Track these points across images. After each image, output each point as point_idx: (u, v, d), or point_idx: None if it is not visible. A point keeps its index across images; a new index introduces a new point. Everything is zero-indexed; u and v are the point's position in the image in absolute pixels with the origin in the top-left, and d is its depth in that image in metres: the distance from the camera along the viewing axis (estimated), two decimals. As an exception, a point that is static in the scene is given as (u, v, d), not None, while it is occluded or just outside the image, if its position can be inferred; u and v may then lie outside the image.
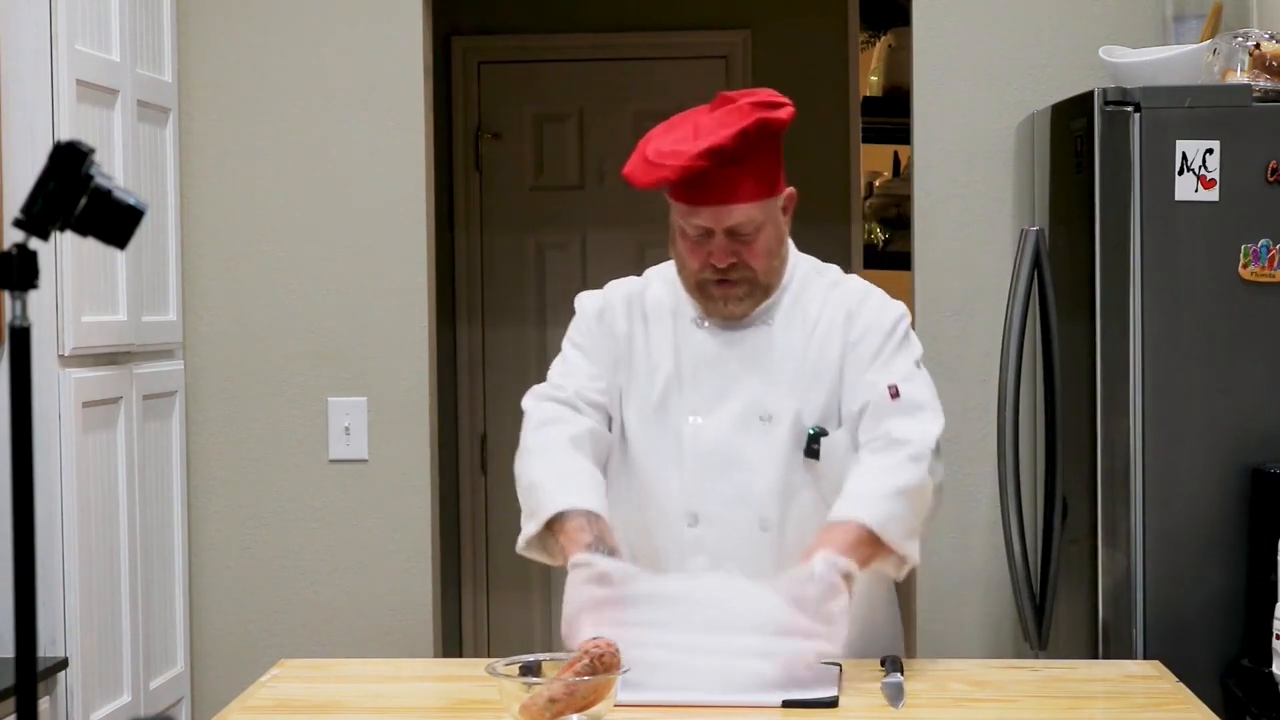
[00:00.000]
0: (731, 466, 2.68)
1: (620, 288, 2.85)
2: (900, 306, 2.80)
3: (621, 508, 2.73)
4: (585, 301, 2.85)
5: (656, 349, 2.76)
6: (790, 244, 2.80)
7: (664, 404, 2.72)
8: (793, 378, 2.70)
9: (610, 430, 2.77)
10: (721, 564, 2.65)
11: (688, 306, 2.76)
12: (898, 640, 2.86)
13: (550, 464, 2.69)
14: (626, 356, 2.77)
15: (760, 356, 2.71)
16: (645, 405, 2.74)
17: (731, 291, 2.68)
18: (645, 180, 2.64)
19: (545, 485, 2.66)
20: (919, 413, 2.70)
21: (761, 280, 2.70)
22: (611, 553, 2.55)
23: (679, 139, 2.63)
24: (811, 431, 2.68)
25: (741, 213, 2.63)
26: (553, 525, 2.62)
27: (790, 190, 2.73)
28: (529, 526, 2.67)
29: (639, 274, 2.89)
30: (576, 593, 2.49)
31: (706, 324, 2.74)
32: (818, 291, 2.77)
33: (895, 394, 2.68)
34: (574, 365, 2.80)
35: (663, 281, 2.82)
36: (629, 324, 2.79)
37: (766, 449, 2.68)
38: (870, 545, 2.56)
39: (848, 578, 2.47)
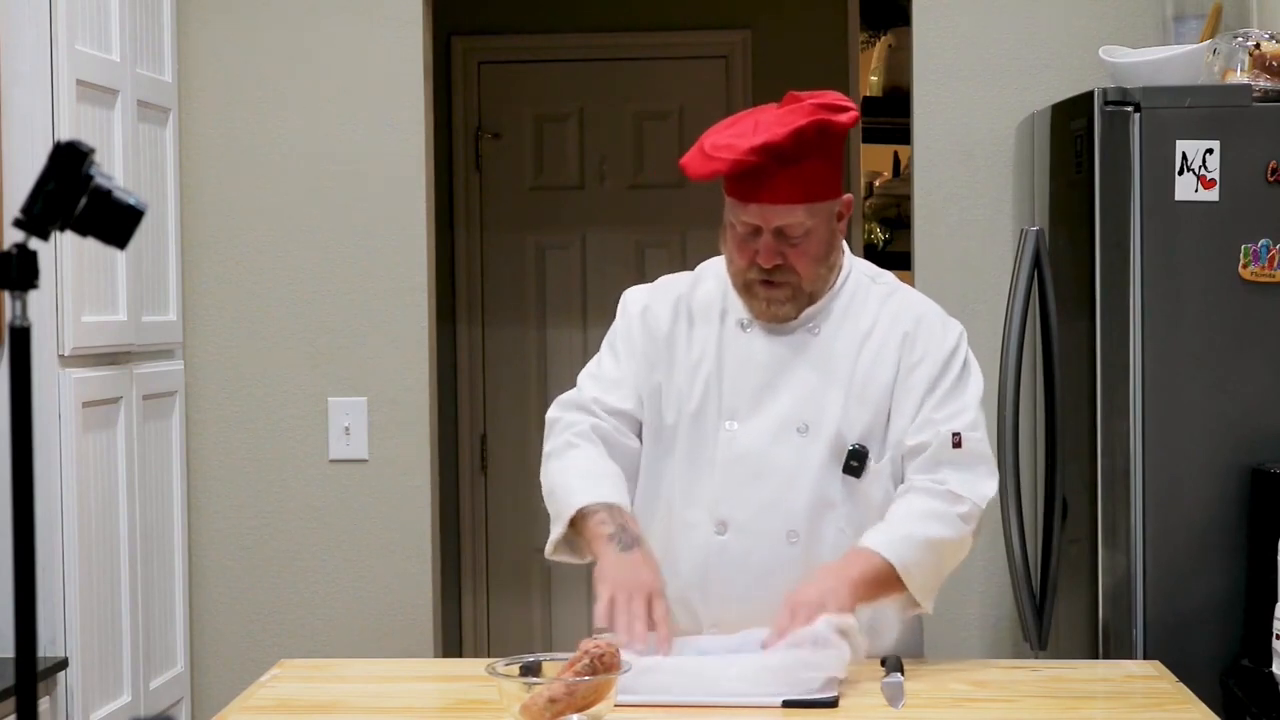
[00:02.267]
0: (764, 475, 2.65)
1: (669, 286, 2.81)
2: (958, 327, 2.77)
3: (651, 509, 2.72)
4: (630, 300, 2.82)
5: (699, 349, 2.72)
6: (845, 250, 2.75)
7: (702, 407, 2.69)
8: (837, 390, 2.66)
9: (639, 438, 2.75)
10: (745, 573, 2.63)
11: (736, 306, 2.72)
12: (917, 638, 2.84)
13: (567, 465, 2.70)
14: (667, 357, 2.74)
15: (804, 364, 2.67)
16: (684, 406, 2.71)
17: (775, 293, 2.64)
18: (699, 171, 2.61)
19: (564, 485, 2.67)
20: (979, 467, 2.66)
21: (805, 286, 2.65)
22: (635, 541, 2.57)
23: (737, 134, 2.60)
24: (854, 448, 2.65)
25: (790, 214, 2.58)
26: (576, 524, 2.63)
27: (848, 197, 2.68)
28: (555, 530, 2.67)
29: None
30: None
31: (752, 327, 2.70)
32: (871, 302, 2.73)
33: (958, 443, 2.64)
34: (605, 371, 2.78)
35: (715, 279, 2.77)
36: (672, 324, 2.75)
37: (801, 460, 2.65)
38: (888, 584, 2.57)
39: (844, 633, 2.47)
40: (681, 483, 2.71)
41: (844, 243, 2.74)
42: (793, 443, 2.65)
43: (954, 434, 2.63)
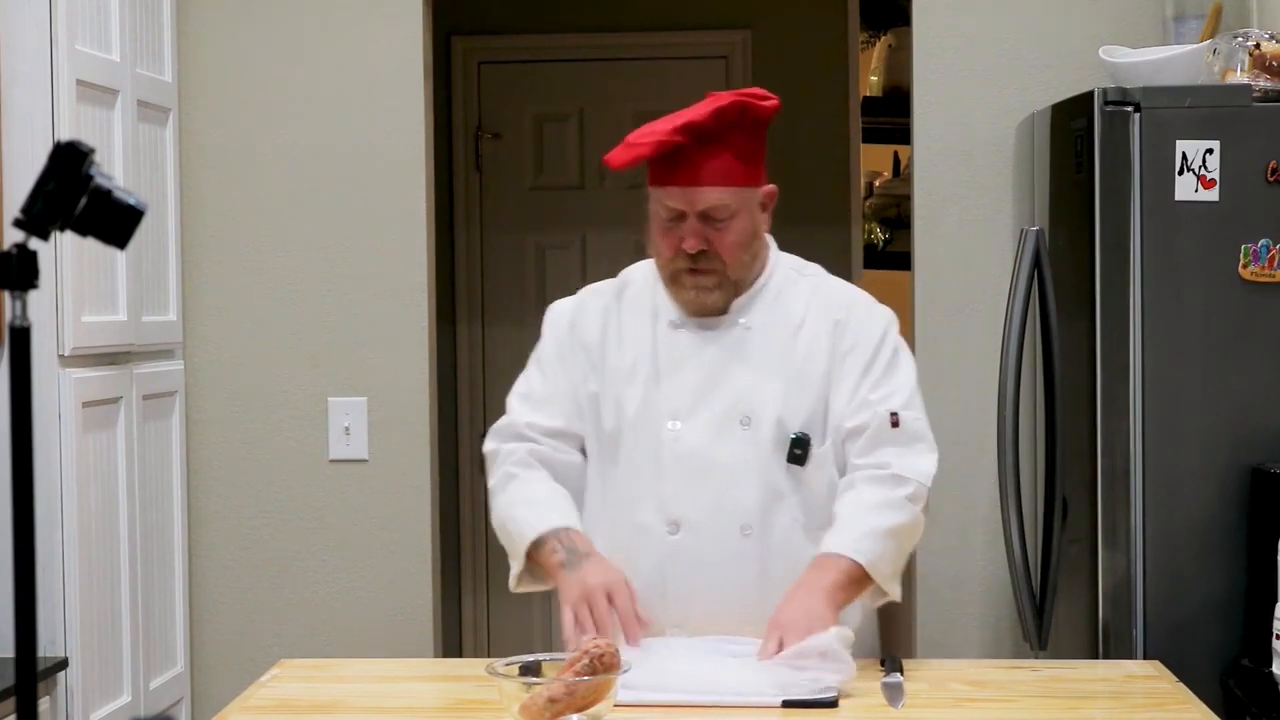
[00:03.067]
0: (712, 472, 2.65)
1: (595, 295, 2.82)
2: (888, 312, 2.79)
3: (602, 516, 2.71)
4: (556, 313, 2.82)
5: (632, 353, 2.72)
6: (771, 243, 2.77)
7: (642, 409, 2.69)
8: (775, 381, 2.67)
9: (581, 450, 2.76)
10: (701, 571, 2.63)
11: (666, 307, 2.72)
12: (875, 640, 2.85)
13: (512, 498, 2.71)
14: (600, 364, 2.73)
15: (739, 357, 2.69)
16: (623, 411, 2.70)
17: (702, 280, 2.65)
18: (623, 159, 2.63)
19: (513, 518, 2.69)
20: (918, 444, 2.69)
21: (731, 273, 2.66)
22: (584, 557, 2.58)
23: (659, 124, 2.63)
24: (796, 436, 2.66)
25: (714, 195, 2.60)
26: (532, 557, 2.65)
27: (771, 187, 2.70)
28: (514, 566, 2.70)
29: None
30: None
31: (685, 326, 2.71)
32: (800, 292, 2.74)
33: (896, 422, 2.66)
34: (534, 390, 2.78)
35: (642, 282, 2.78)
36: (602, 332, 2.75)
37: (747, 453, 2.66)
38: (859, 583, 2.59)
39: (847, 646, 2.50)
40: (630, 486, 2.70)
41: (769, 236, 2.76)
42: (737, 437, 2.66)
43: (891, 414, 2.65)
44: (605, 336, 2.75)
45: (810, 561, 2.59)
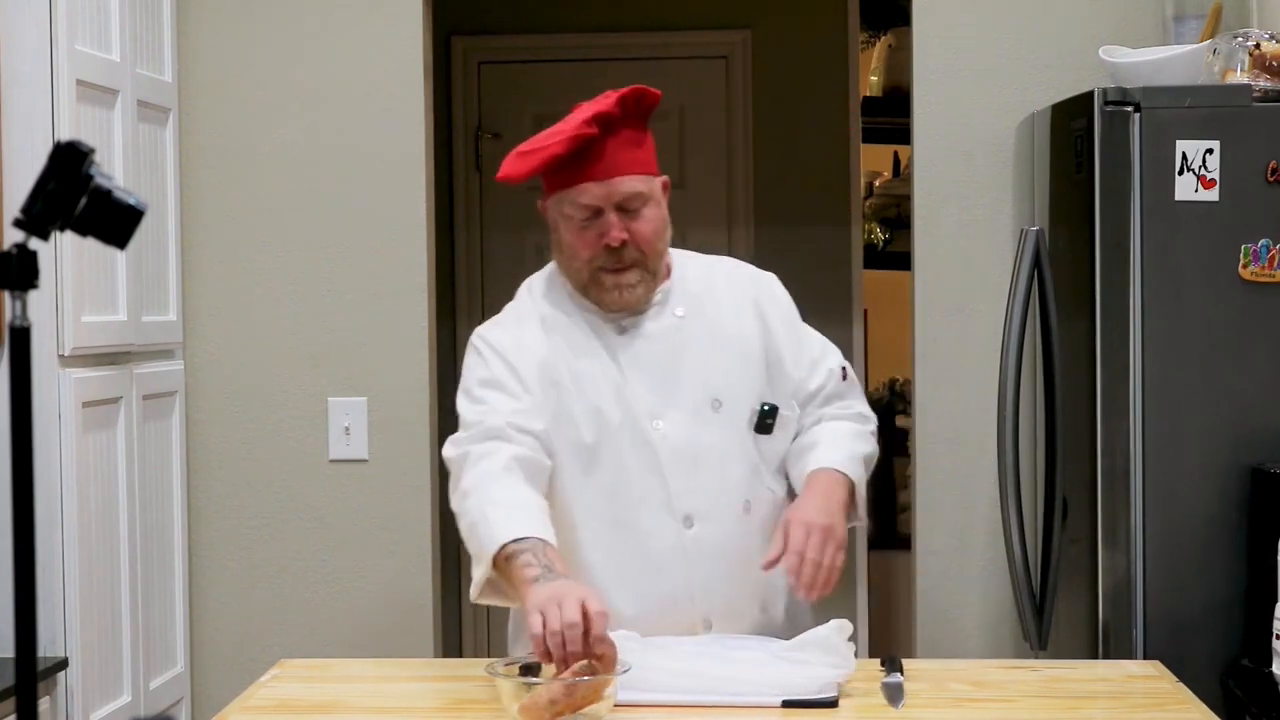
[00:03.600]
0: (705, 458, 2.69)
1: (522, 318, 2.74)
2: (771, 275, 2.89)
3: (593, 530, 2.66)
4: (493, 339, 2.72)
5: (591, 366, 2.68)
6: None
7: (622, 415, 2.67)
8: (726, 360, 2.72)
9: (548, 457, 2.63)
10: (723, 557, 2.66)
11: (597, 316, 2.69)
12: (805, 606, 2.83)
13: (484, 498, 2.53)
14: (562, 381, 2.67)
15: (688, 345, 2.72)
16: (603, 421, 2.66)
17: (624, 277, 2.65)
18: (528, 166, 2.62)
19: (486, 519, 2.49)
20: (857, 388, 2.87)
21: (651, 264, 2.68)
22: (560, 578, 2.40)
23: (554, 129, 2.64)
24: (765, 407, 2.73)
25: (630, 184, 2.63)
26: (500, 565, 2.46)
27: (666, 178, 2.75)
28: (478, 571, 2.50)
29: None
30: None
31: (627, 329, 2.70)
32: (701, 274, 2.80)
33: (845, 375, 2.84)
34: (492, 402, 2.64)
35: (549, 299, 2.74)
36: (551, 352, 2.69)
37: (728, 434, 2.71)
38: (849, 500, 2.69)
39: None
40: (626, 494, 2.66)
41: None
42: (714, 421, 2.70)
43: (842, 368, 2.84)
44: (553, 351, 2.69)
45: (805, 480, 2.69)
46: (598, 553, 2.65)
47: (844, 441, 2.74)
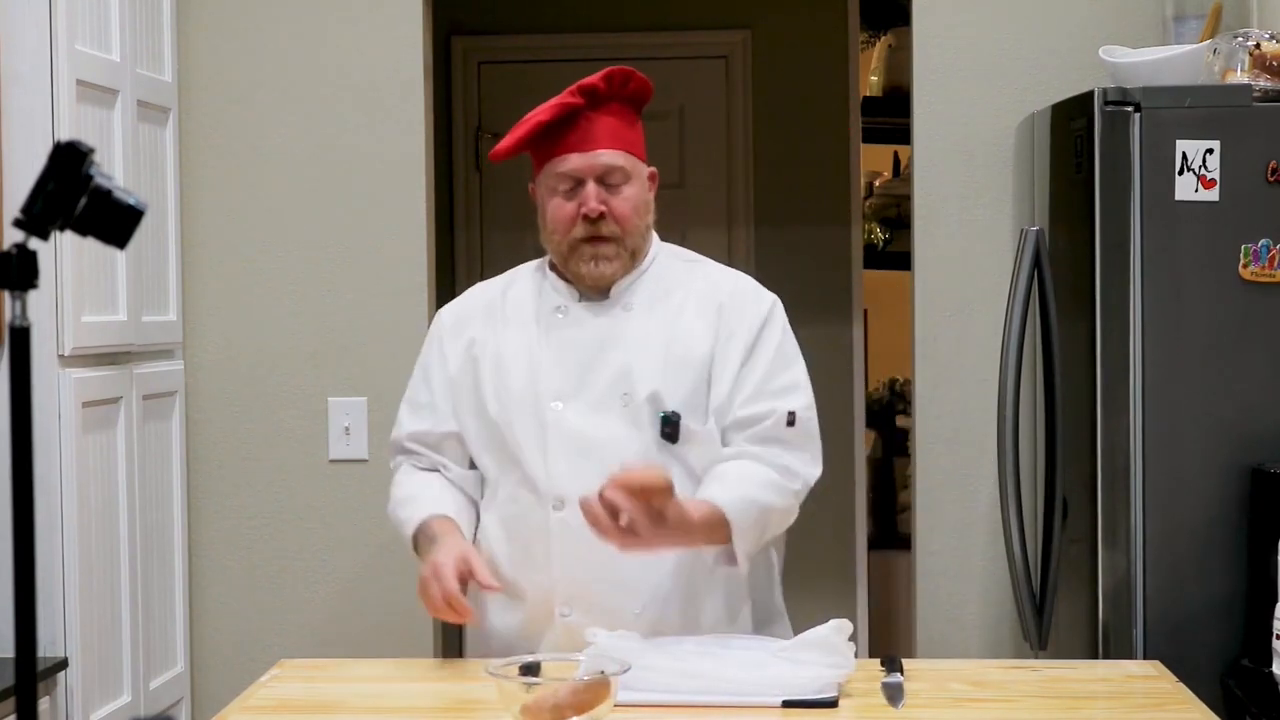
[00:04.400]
0: (594, 448, 2.69)
1: (479, 293, 2.91)
2: (772, 297, 2.82)
3: (495, 499, 2.80)
4: (442, 318, 2.92)
5: (516, 339, 2.79)
6: (653, 233, 2.84)
7: (526, 392, 2.74)
8: (654, 361, 2.72)
9: (469, 459, 2.85)
10: (585, 545, 2.61)
11: (551, 295, 2.79)
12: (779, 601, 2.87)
13: (392, 504, 2.88)
14: (482, 352, 2.80)
15: (619, 337, 2.74)
16: (508, 395, 2.75)
17: (602, 249, 2.71)
18: (515, 137, 2.73)
19: (398, 522, 2.85)
20: (811, 446, 2.75)
21: (629, 241, 2.73)
22: (433, 540, 2.69)
23: (535, 109, 2.74)
24: (664, 415, 2.69)
25: (611, 158, 2.70)
26: (419, 542, 2.79)
27: (654, 170, 2.80)
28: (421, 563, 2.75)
29: None
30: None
31: (568, 311, 2.77)
32: (682, 277, 2.81)
33: (792, 422, 2.71)
34: (419, 399, 2.90)
35: (528, 274, 2.87)
36: (487, 319, 2.83)
37: (627, 430, 2.70)
38: (717, 535, 2.60)
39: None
40: (518, 468, 2.74)
41: (652, 218, 2.83)
42: (618, 414, 2.71)
43: (790, 413, 2.71)
44: (489, 327, 2.82)
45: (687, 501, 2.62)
46: (490, 516, 2.80)
47: (747, 485, 2.64)
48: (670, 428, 2.69)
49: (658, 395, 2.69)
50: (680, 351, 2.72)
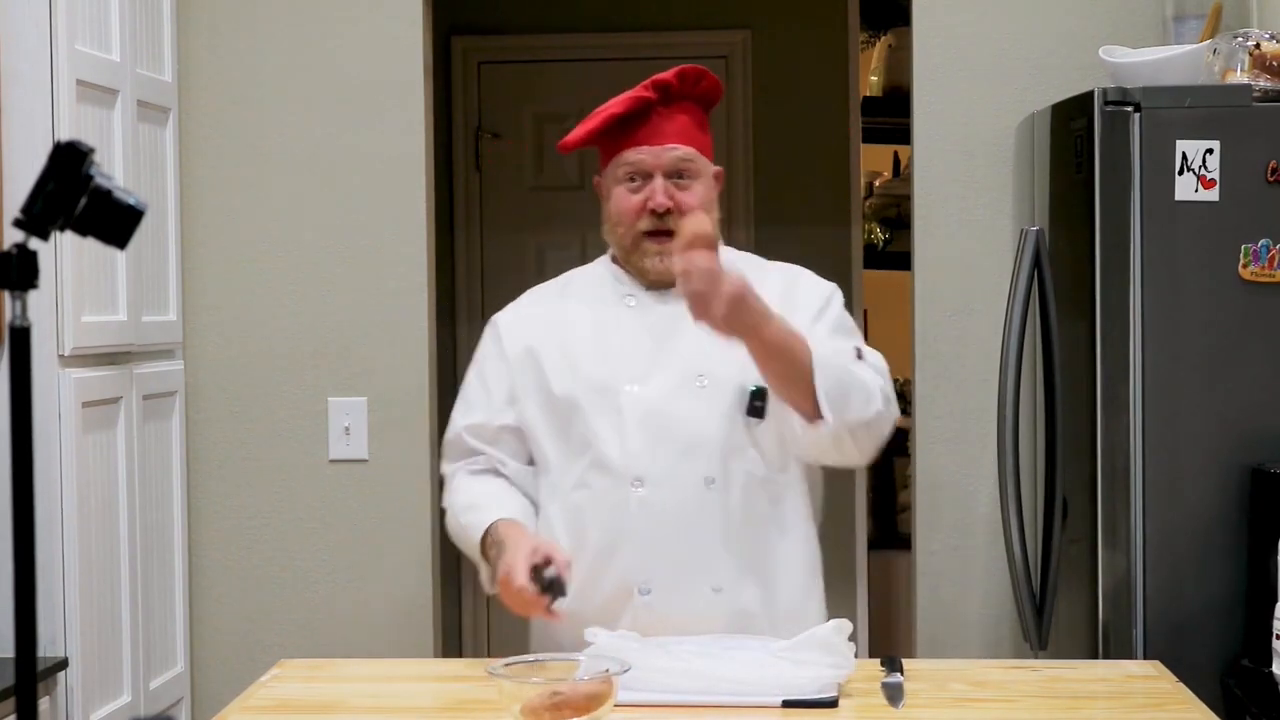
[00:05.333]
0: (673, 426, 2.70)
1: (537, 293, 2.92)
2: (831, 285, 2.87)
3: (562, 485, 2.76)
4: (497, 320, 2.91)
5: (583, 327, 2.79)
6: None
7: (596, 375, 2.74)
8: (725, 342, 2.69)
9: (529, 457, 2.83)
10: (666, 524, 2.65)
11: (616, 285, 2.81)
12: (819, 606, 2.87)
13: (455, 507, 2.82)
14: (549, 343, 2.79)
15: (688, 324, 2.68)
16: (577, 376, 2.75)
17: (667, 244, 2.69)
18: (586, 128, 2.76)
19: (463, 527, 2.78)
20: (878, 380, 2.73)
21: None
22: (500, 544, 2.64)
23: (608, 102, 2.76)
24: (754, 389, 2.70)
25: (680, 152, 2.72)
26: (489, 558, 2.71)
27: (720, 169, 2.81)
28: (482, 571, 2.76)
29: None
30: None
31: (634, 301, 2.78)
32: (744, 265, 2.79)
33: (860, 355, 2.73)
34: (473, 398, 2.87)
35: (586, 272, 2.89)
36: (548, 315, 2.84)
37: (707, 409, 2.71)
38: (796, 349, 2.57)
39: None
40: (590, 451, 2.73)
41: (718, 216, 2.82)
42: (693, 395, 2.72)
43: (856, 348, 2.72)
44: (551, 321, 2.82)
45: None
46: (554, 506, 2.77)
47: (832, 349, 2.65)
48: (761, 401, 2.69)
49: (735, 375, 2.69)
50: None
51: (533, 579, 2.50)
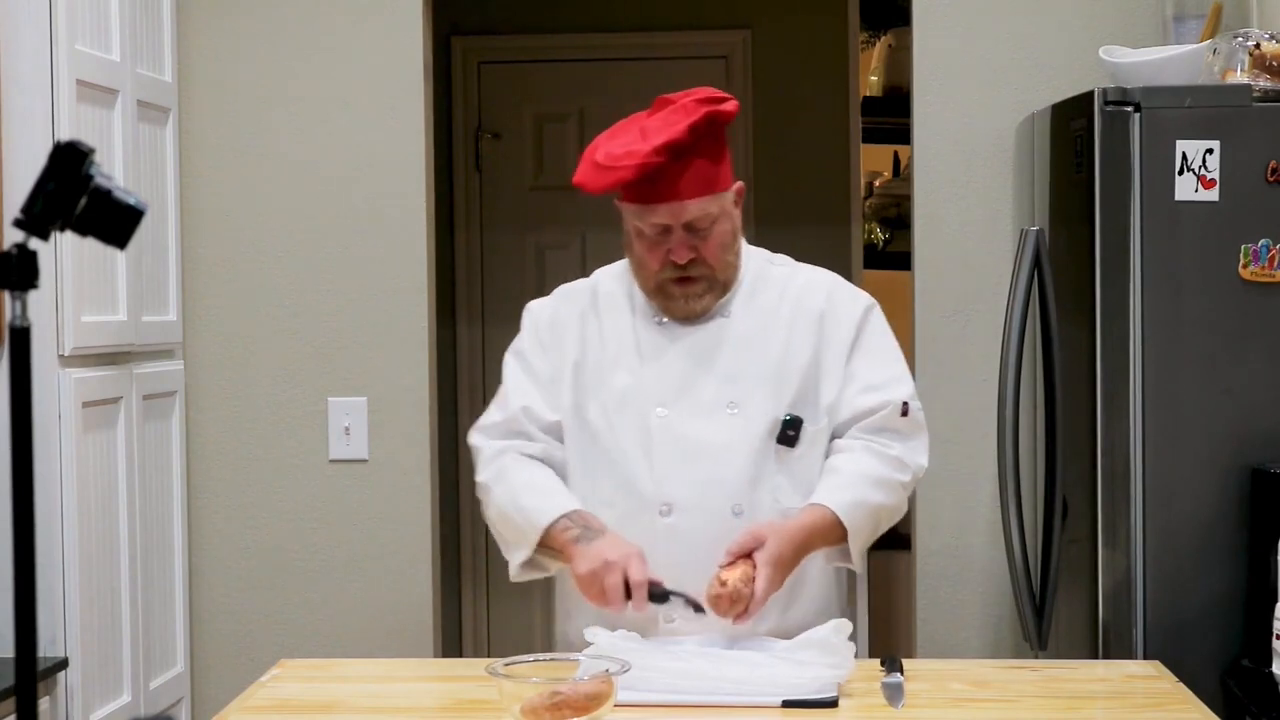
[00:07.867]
0: (701, 454, 2.69)
1: (570, 296, 2.89)
2: (868, 297, 2.86)
3: (595, 505, 2.72)
4: (535, 310, 2.90)
5: (615, 345, 2.77)
6: (742, 238, 2.82)
7: (628, 398, 2.73)
8: (758, 367, 2.72)
9: (563, 444, 2.79)
10: (694, 551, 2.64)
11: (646, 307, 2.78)
12: (840, 597, 2.88)
13: (514, 488, 2.73)
14: (582, 358, 2.78)
15: (721, 349, 2.73)
16: (609, 400, 2.74)
17: (691, 289, 2.70)
18: (601, 184, 2.69)
19: (519, 507, 2.71)
20: (920, 437, 2.77)
21: (719, 276, 2.72)
22: (599, 533, 2.61)
23: (628, 142, 2.67)
24: (788, 418, 2.70)
25: (698, 206, 2.66)
26: (542, 540, 2.67)
27: (740, 184, 2.76)
28: (520, 553, 2.71)
29: None
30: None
31: (664, 320, 2.76)
32: (775, 282, 2.80)
33: (906, 412, 2.73)
34: (516, 388, 2.82)
35: (617, 283, 2.84)
36: (583, 326, 2.81)
37: (735, 436, 2.70)
38: (831, 541, 2.64)
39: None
40: (618, 473, 2.72)
41: (741, 231, 2.80)
42: (724, 421, 2.70)
43: (904, 403, 2.73)
44: (585, 333, 2.80)
45: (804, 508, 2.65)
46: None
47: (859, 485, 2.66)
48: (794, 430, 2.69)
49: (767, 404, 2.69)
50: (781, 356, 2.73)
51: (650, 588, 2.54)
